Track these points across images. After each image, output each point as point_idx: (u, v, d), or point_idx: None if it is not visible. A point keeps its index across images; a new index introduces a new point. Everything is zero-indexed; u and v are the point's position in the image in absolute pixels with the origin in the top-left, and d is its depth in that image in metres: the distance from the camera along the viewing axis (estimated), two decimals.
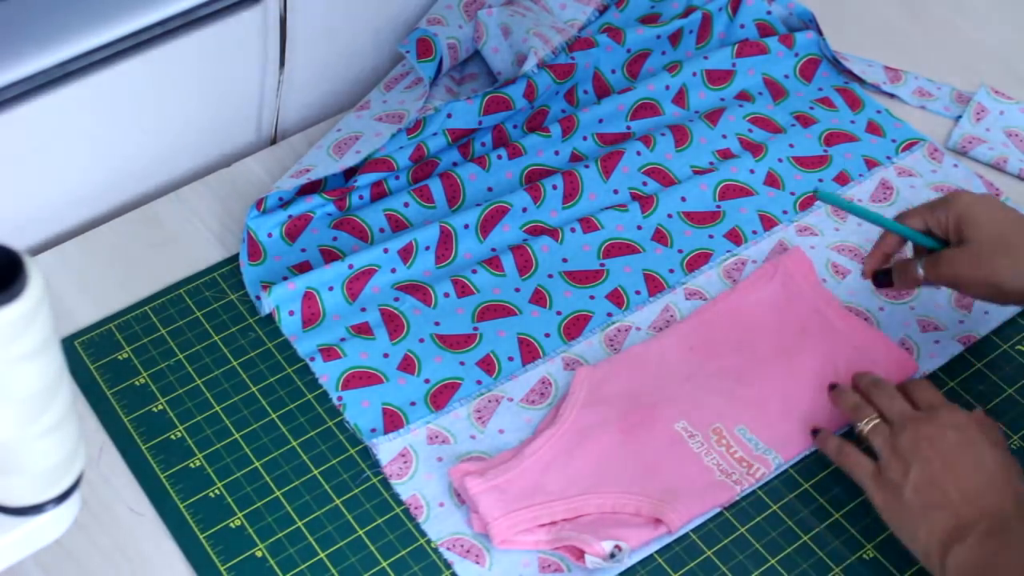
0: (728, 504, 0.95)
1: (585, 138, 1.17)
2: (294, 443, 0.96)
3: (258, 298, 1.03)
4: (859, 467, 0.90)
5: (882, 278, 1.00)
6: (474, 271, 1.07)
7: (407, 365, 1.01)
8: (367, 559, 0.91)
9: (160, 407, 0.98)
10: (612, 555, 0.89)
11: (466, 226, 1.09)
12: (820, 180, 1.16)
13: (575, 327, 1.04)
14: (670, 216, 1.12)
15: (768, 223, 1.12)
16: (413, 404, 0.99)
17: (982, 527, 0.83)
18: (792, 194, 1.14)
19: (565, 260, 1.08)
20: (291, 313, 1.02)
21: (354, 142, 1.10)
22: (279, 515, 0.93)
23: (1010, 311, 1.07)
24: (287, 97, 1.18)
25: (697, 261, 1.09)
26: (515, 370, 1.01)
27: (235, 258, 1.07)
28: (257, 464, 0.95)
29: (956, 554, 0.83)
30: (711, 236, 1.11)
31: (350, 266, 1.04)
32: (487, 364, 1.02)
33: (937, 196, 1.05)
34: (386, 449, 0.96)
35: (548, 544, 0.91)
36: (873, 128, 1.20)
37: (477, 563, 0.91)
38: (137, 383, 0.99)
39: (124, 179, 1.13)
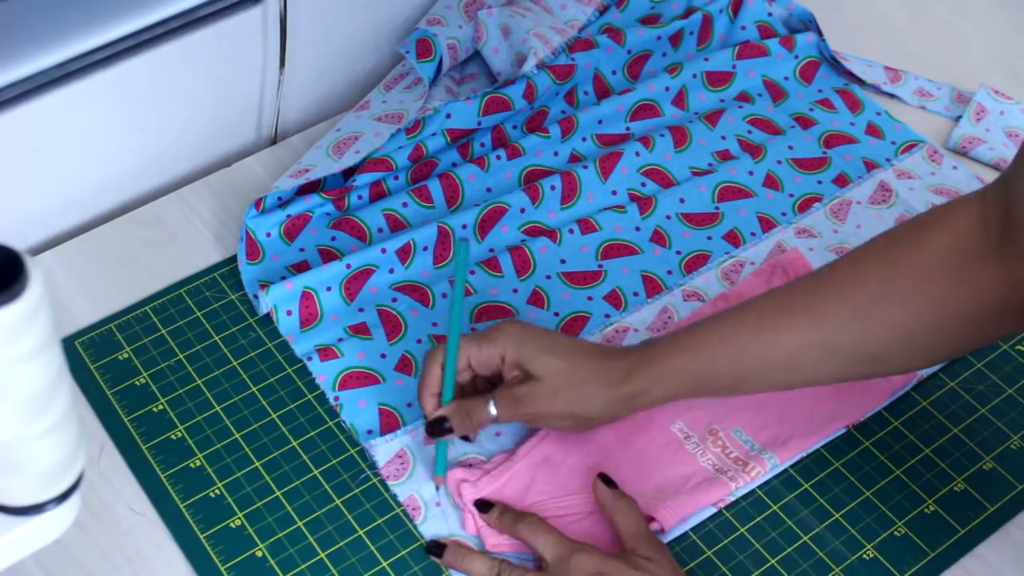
0: (724, 501, 0.95)
1: (584, 139, 1.17)
2: (294, 443, 0.97)
3: (256, 297, 1.03)
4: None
5: (437, 427, 0.90)
6: (472, 272, 1.07)
7: (404, 366, 1.01)
8: (367, 559, 0.91)
9: (160, 407, 0.98)
10: None
11: (464, 226, 1.09)
12: (819, 182, 1.16)
13: (573, 328, 1.04)
14: (668, 217, 1.12)
15: (767, 225, 1.12)
16: (410, 405, 0.99)
17: None
18: (791, 196, 1.15)
19: (563, 261, 1.08)
20: (289, 313, 1.02)
21: (353, 142, 1.10)
22: (279, 515, 0.93)
23: None
24: (287, 97, 1.18)
25: (695, 262, 1.09)
26: None
27: (235, 258, 1.07)
28: (257, 464, 0.95)
29: None
30: (709, 237, 1.11)
31: (348, 266, 1.04)
32: None
33: (935, 200, 1.05)
34: (384, 450, 0.96)
35: None
36: (873, 130, 1.20)
37: None
38: (137, 383, 0.99)
39: (124, 179, 1.13)
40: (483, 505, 0.92)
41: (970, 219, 0.85)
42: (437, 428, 0.91)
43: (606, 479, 0.92)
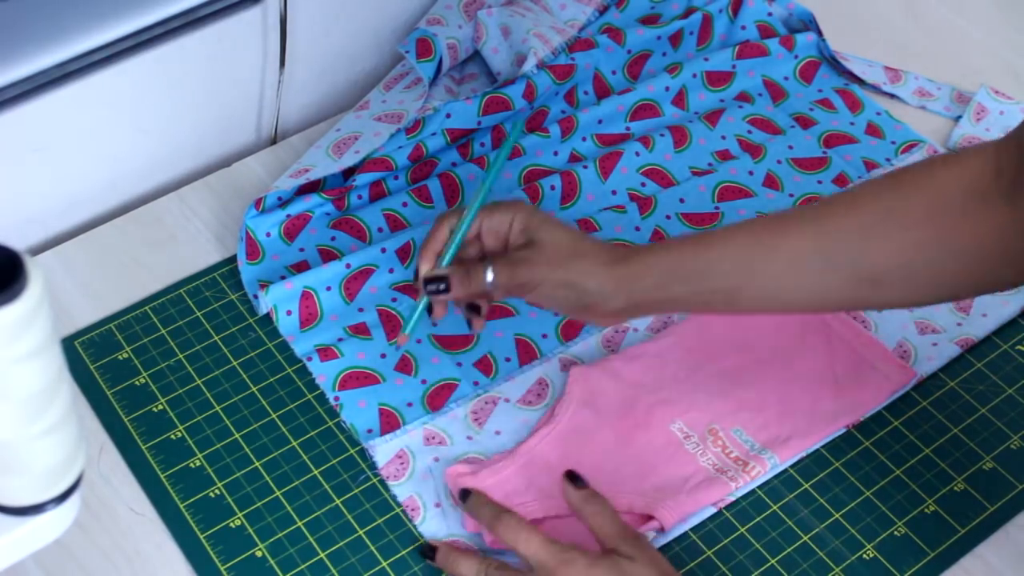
0: (724, 501, 0.95)
1: (584, 139, 1.17)
2: (294, 443, 0.97)
3: (256, 297, 1.03)
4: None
5: (433, 285, 0.91)
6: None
7: (404, 366, 1.01)
8: (367, 559, 0.91)
9: (160, 407, 0.98)
10: None
11: None
12: (819, 182, 1.16)
13: (573, 328, 1.04)
14: (668, 217, 1.12)
15: None
16: (410, 405, 0.99)
17: None
18: (791, 196, 1.15)
19: None
20: (288, 313, 1.02)
21: (353, 142, 1.10)
22: (279, 515, 0.93)
23: (1009, 313, 1.07)
24: (287, 97, 1.18)
25: None
26: (512, 371, 1.01)
27: (235, 258, 1.07)
28: (257, 464, 0.95)
29: None
30: None
31: (348, 266, 1.04)
32: (484, 365, 1.02)
33: None
34: (383, 450, 0.96)
35: None
36: (873, 130, 1.20)
37: None
38: (137, 383, 0.99)
39: (124, 179, 1.13)
40: (466, 495, 0.91)
41: (983, 162, 0.85)
42: (433, 286, 0.91)
43: (574, 477, 0.90)
